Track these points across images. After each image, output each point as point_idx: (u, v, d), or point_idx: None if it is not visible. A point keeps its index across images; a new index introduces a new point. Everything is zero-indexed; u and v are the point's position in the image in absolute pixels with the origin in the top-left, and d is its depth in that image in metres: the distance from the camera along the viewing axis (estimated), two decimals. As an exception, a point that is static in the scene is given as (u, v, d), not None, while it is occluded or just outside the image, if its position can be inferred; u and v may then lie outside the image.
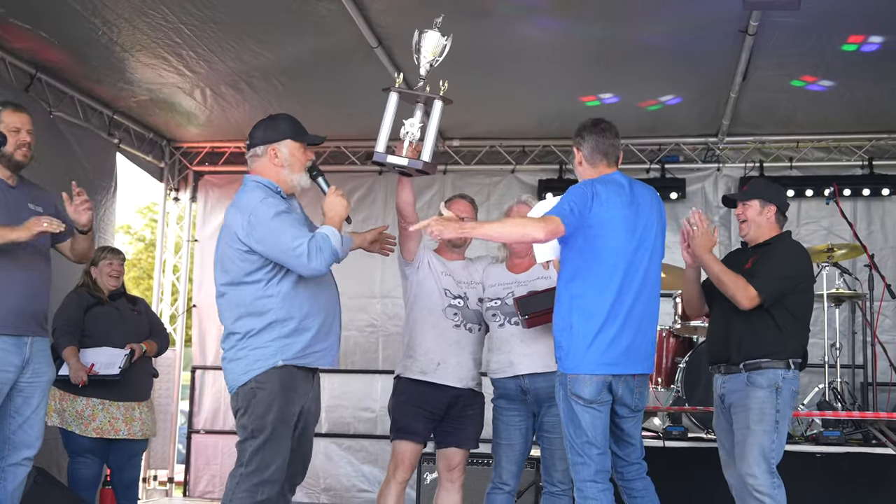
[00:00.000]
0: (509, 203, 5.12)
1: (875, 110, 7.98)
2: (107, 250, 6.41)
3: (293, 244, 3.96)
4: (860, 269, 7.80)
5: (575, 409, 4.15)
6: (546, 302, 4.51)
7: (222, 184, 9.53)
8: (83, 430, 5.93)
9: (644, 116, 8.32)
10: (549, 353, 4.54)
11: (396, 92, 4.41)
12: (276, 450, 4.03)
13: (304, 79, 7.57)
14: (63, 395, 5.95)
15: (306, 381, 4.18)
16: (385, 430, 8.82)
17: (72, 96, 7.75)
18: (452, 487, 4.88)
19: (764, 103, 7.86)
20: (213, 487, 9.13)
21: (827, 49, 6.68)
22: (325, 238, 4.00)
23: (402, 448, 4.76)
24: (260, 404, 4.02)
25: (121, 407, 6.07)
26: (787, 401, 4.52)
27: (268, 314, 4.07)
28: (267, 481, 4.01)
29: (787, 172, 8.72)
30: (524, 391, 4.73)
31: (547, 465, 4.78)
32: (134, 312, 6.31)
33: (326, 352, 4.20)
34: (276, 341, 4.07)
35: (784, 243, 4.74)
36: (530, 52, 6.96)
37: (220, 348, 9.14)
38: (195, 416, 9.30)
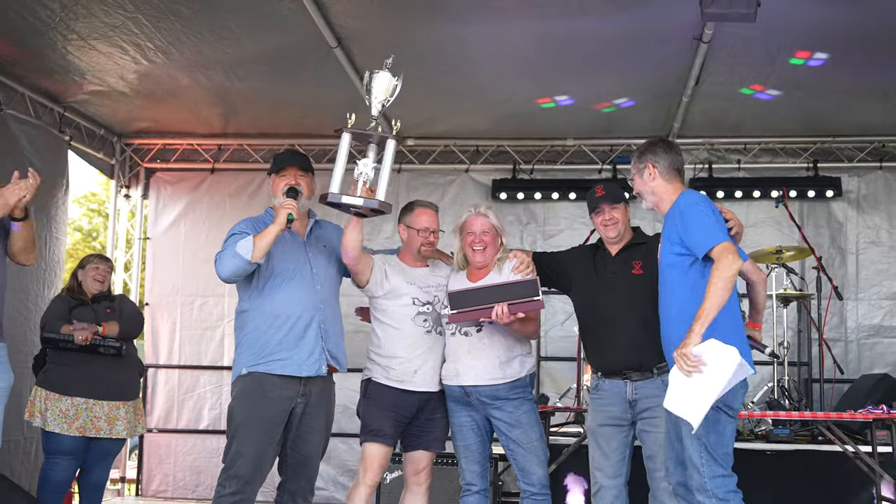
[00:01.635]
0: (466, 213, 4.96)
1: (820, 116, 8.21)
2: (95, 257, 6.62)
3: (216, 256, 4.53)
4: (808, 270, 7.99)
5: (722, 419, 4.14)
6: (478, 300, 4.57)
7: (174, 181, 9.46)
8: (65, 430, 5.97)
9: (597, 118, 8.44)
10: (495, 366, 4.73)
11: (349, 132, 4.42)
12: (241, 448, 4.45)
13: (262, 76, 7.55)
14: (48, 394, 6.01)
15: (284, 387, 4.49)
16: (341, 429, 8.93)
17: (22, 93, 7.65)
18: (419, 490, 4.90)
19: (715, 108, 8.02)
20: (167, 487, 9.08)
21: (777, 61, 6.87)
22: (231, 245, 4.44)
23: (372, 451, 4.76)
24: (231, 409, 4.56)
25: (105, 406, 6.10)
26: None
27: (245, 327, 4.59)
28: (232, 476, 4.43)
29: (736, 174, 8.91)
30: (467, 394, 4.78)
31: (523, 468, 4.78)
32: (108, 311, 6.33)
33: (292, 361, 4.52)
34: (246, 351, 4.56)
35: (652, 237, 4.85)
36: (486, 54, 7.03)
37: (171, 347, 9.18)
38: (148, 415, 9.22)
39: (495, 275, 4.83)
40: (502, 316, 4.53)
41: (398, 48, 6.68)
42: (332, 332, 4.66)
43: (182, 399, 9.19)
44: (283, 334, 4.52)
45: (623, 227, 4.82)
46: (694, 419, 3.99)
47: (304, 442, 4.61)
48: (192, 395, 9.17)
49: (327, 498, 8.66)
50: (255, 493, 4.51)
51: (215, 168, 9.31)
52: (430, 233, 4.88)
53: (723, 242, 4.07)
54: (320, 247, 4.76)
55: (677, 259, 4.26)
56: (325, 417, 4.70)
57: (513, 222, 9.04)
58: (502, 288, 4.63)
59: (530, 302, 4.56)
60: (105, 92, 7.96)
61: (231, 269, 4.44)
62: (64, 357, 6.06)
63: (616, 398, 4.72)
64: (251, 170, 9.29)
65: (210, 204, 9.35)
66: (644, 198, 4.56)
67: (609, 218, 4.79)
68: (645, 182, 4.49)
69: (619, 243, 4.85)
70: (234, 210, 9.21)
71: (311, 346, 4.55)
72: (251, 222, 4.67)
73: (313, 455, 4.66)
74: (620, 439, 4.73)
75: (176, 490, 9.07)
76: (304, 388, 4.54)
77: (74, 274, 6.45)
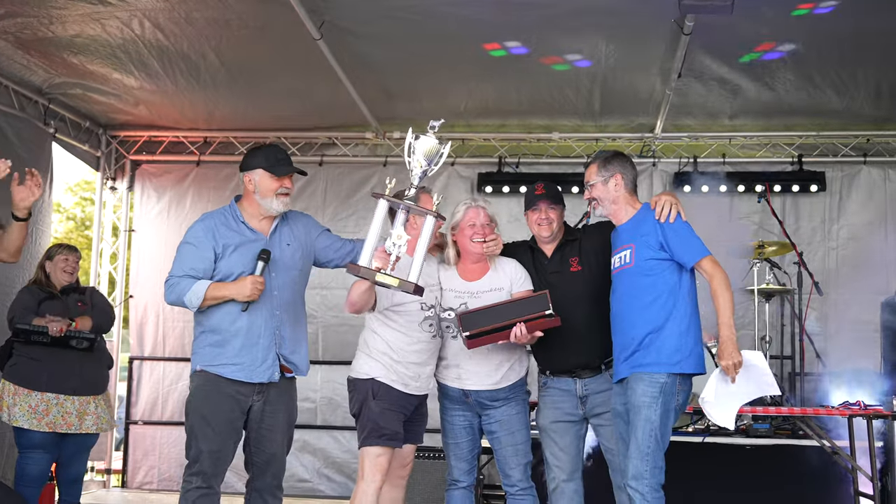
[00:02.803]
0: (462, 206, 4.84)
1: (805, 111, 8.23)
2: (63, 247, 6.45)
3: (170, 272, 4.54)
4: (789, 264, 8.03)
5: (672, 415, 4.43)
6: (490, 319, 4.48)
7: (160, 173, 9.46)
8: (35, 425, 5.92)
9: (583, 113, 8.45)
10: (497, 370, 4.72)
11: (386, 200, 4.14)
12: (201, 445, 4.47)
13: (247, 79, 7.59)
14: (17, 389, 5.96)
15: (239, 387, 4.49)
16: (325, 421, 8.95)
17: (6, 86, 7.63)
18: (401, 483, 4.89)
19: (698, 101, 8.04)
20: (152, 479, 9.11)
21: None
22: (187, 286, 4.43)
23: (381, 452, 4.60)
24: (188, 405, 4.59)
25: (75, 401, 6.08)
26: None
27: (203, 323, 4.54)
28: (196, 472, 4.46)
29: (720, 168, 8.93)
30: (466, 396, 4.78)
31: (501, 466, 4.81)
32: (79, 305, 6.27)
33: (243, 367, 4.49)
34: (204, 348, 4.54)
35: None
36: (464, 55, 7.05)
37: (157, 339, 9.18)
38: (133, 407, 9.25)
39: (494, 271, 4.78)
40: (521, 338, 4.47)
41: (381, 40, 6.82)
42: (288, 337, 4.59)
43: (167, 391, 9.20)
44: (238, 341, 4.48)
45: (557, 227, 4.85)
46: (728, 422, 4.38)
47: (266, 440, 4.59)
48: (176, 387, 9.17)
49: (311, 490, 8.70)
50: (219, 485, 4.53)
51: (201, 160, 9.30)
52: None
53: (710, 255, 4.46)
54: (283, 246, 4.64)
55: (655, 264, 4.49)
56: (285, 414, 4.65)
57: (498, 215, 8.94)
58: (514, 305, 4.53)
59: (544, 318, 4.48)
60: (90, 83, 7.97)
61: (174, 303, 4.53)
62: (33, 351, 5.99)
63: (566, 395, 4.79)
64: (237, 162, 9.23)
65: (195, 196, 9.34)
66: (601, 205, 4.68)
67: (545, 217, 4.83)
68: (609, 191, 4.65)
69: (552, 242, 4.89)
70: (219, 202, 9.17)
71: (263, 353, 4.50)
72: (211, 227, 4.54)
73: (277, 452, 4.63)
74: (573, 434, 4.81)
75: (161, 482, 9.09)
76: (260, 388, 4.53)
77: (42, 265, 6.31)
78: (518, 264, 4.84)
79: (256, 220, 4.61)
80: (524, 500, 4.79)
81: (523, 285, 4.75)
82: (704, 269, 4.44)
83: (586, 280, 4.79)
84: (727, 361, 4.35)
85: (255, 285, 4.40)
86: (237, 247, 4.51)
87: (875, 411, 5.78)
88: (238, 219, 4.60)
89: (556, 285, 4.76)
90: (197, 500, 4.45)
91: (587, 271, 4.80)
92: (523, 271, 4.81)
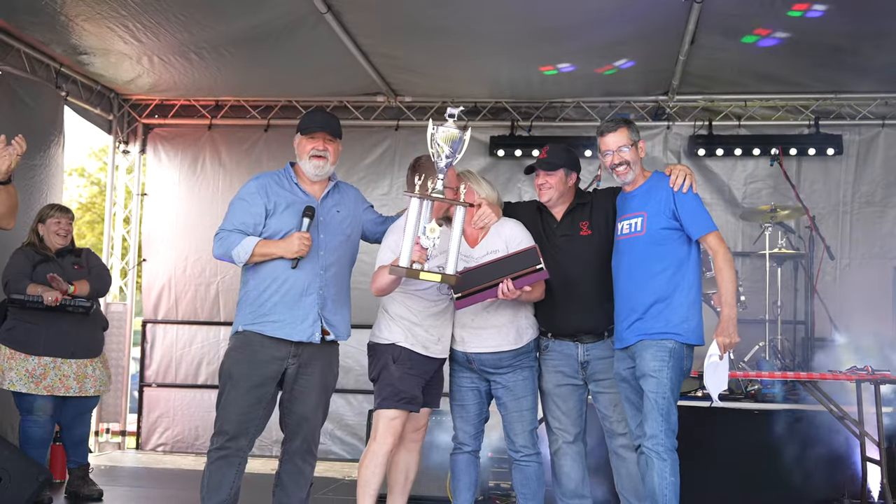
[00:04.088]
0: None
1: (822, 73, 8.09)
2: (55, 208, 6.32)
3: (220, 226, 4.57)
4: (803, 229, 7.95)
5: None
6: (480, 279, 4.45)
7: (172, 136, 9.46)
8: (33, 389, 5.93)
9: (598, 80, 8.38)
10: (499, 333, 4.69)
11: (418, 197, 4.19)
12: (227, 405, 4.51)
13: (254, 48, 7.53)
14: (14, 353, 5.95)
15: (274, 348, 4.50)
16: (339, 385, 8.96)
17: (18, 49, 7.62)
18: (414, 447, 4.87)
19: (713, 64, 7.90)
20: (167, 440, 9.20)
21: (775, 13, 6.76)
22: (237, 241, 4.47)
23: (396, 416, 4.61)
24: (222, 366, 4.62)
25: (73, 364, 6.07)
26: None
27: (249, 283, 4.59)
28: (218, 432, 4.51)
29: (736, 131, 8.84)
30: (470, 361, 4.77)
31: (507, 432, 4.82)
32: (75, 267, 6.21)
33: (284, 324, 4.50)
34: (244, 308, 4.58)
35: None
36: (483, 22, 6.97)
37: (170, 302, 9.25)
38: (146, 370, 9.32)
39: (494, 234, 4.74)
40: (509, 293, 4.43)
41: (389, 9, 6.76)
42: (331, 299, 4.59)
43: (180, 354, 9.27)
44: (280, 297, 4.49)
45: (557, 193, 4.81)
46: (718, 394, 4.53)
47: (298, 402, 4.58)
48: (189, 350, 9.24)
49: (325, 452, 8.73)
50: (242, 448, 4.52)
51: (213, 124, 9.29)
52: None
53: (717, 231, 4.54)
54: (333, 212, 4.67)
55: (667, 233, 4.53)
56: (320, 378, 4.61)
57: (511, 179, 9.00)
58: (502, 262, 4.50)
59: (533, 272, 4.44)
60: (99, 64, 7.99)
61: (223, 259, 4.57)
62: (29, 315, 5.96)
63: (567, 359, 4.79)
64: (249, 126, 9.28)
65: (207, 160, 9.35)
66: (630, 168, 4.65)
67: (542, 182, 4.82)
68: (637, 155, 4.68)
69: (562, 205, 4.86)
70: (232, 166, 9.25)
71: (305, 311, 4.51)
72: (264, 185, 4.59)
73: (309, 416, 4.61)
74: (577, 397, 4.84)
75: (175, 444, 9.17)
76: (297, 350, 4.52)
77: (35, 228, 6.20)
78: (517, 225, 4.78)
79: (308, 183, 4.65)
80: (529, 465, 4.80)
81: (520, 245, 4.66)
82: (709, 245, 4.51)
83: (596, 245, 4.77)
84: (726, 340, 4.42)
85: (302, 241, 4.42)
86: (288, 206, 4.55)
87: (883, 376, 5.74)
88: (292, 180, 4.64)
89: (566, 249, 4.76)
90: (216, 461, 4.49)
91: (597, 236, 4.78)
92: (522, 232, 4.74)
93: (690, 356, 4.53)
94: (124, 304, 9.34)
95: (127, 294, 9.49)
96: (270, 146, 9.12)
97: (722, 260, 4.48)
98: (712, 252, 4.51)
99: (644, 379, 4.44)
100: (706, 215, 4.55)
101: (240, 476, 4.54)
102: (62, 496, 6.32)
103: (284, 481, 4.66)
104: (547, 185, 4.80)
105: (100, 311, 6.47)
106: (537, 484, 4.81)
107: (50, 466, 6.56)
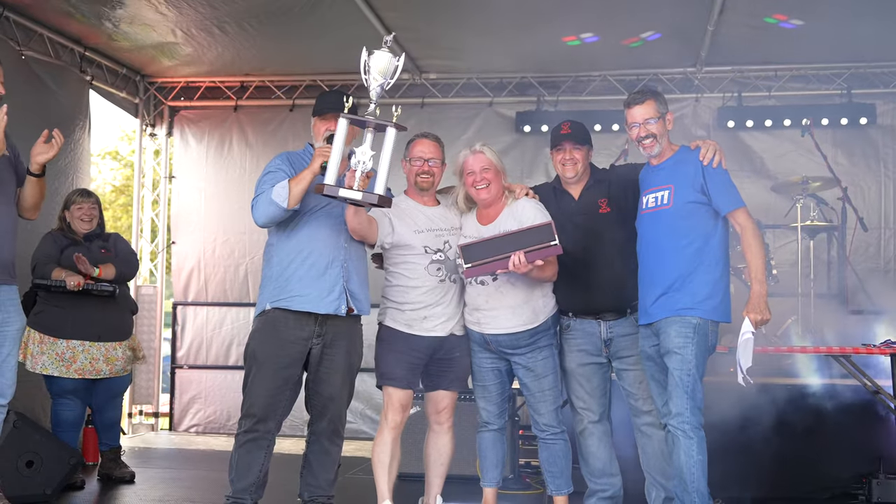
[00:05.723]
0: (462, 154, 4.76)
1: (852, 40, 7.91)
2: (78, 193, 6.33)
3: (252, 199, 4.51)
4: (836, 200, 7.82)
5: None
6: (493, 251, 4.42)
7: (198, 119, 9.48)
8: (64, 372, 5.98)
9: (624, 51, 8.26)
10: (514, 313, 4.64)
11: (346, 118, 4.12)
12: (253, 387, 4.53)
13: (276, 23, 7.50)
14: (43, 338, 5.99)
15: (299, 327, 4.51)
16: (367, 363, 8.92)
17: (41, 34, 7.64)
18: (441, 429, 4.86)
19: (741, 34, 7.78)
20: (199, 422, 9.27)
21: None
22: (269, 192, 4.40)
23: (388, 393, 4.71)
24: (246, 348, 4.63)
25: (101, 347, 6.10)
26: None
27: (272, 260, 4.59)
28: (246, 415, 4.53)
29: (765, 102, 8.70)
30: (487, 342, 4.74)
31: (532, 413, 4.81)
32: (102, 251, 6.21)
33: (310, 298, 4.49)
34: (269, 285, 4.57)
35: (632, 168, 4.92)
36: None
37: (199, 285, 9.29)
38: (178, 352, 9.38)
39: (507, 214, 4.70)
40: (520, 266, 4.38)
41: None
42: (354, 272, 4.59)
43: (210, 336, 9.32)
44: (305, 270, 4.49)
45: (582, 168, 4.76)
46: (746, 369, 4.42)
47: (323, 383, 4.59)
48: (219, 331, 9.29)
49: (355, 432, 8.73)
50: (270, 430, 4.53)
51: (238, 105, 9.29)
52: (423, 161, 4.71)
53: (745, 206, 4.46)
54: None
55: (693, 207, 4.47)
56: (345, 357, 4.61)
57: (538, 155, 8.93)
58: (516, 235, 4.45)
59: (547, 248, 4.39)
60: (124, 37, 7.96)
61: (267, 216, 4.44)
62: (57, 299, 5.99)
63: (590, 337, 4.75)
64: (274, 106, 9.27)
65: (234, 141, 9.36)
66: (657, 141, 4.59)
67: (569, 157, 4.74)
68: (664, 128, 4.61)
69: (578, 183, 4.80)
70: (258, 146, 9.26)
71: (330, 283, 4.50)
72: (287, 158, 4.62)
73: (335, 396, 4.61)
74: (601, 376, 4.81)
75: (208, 425, 9.24)
76: (321, 329, 4.51)
77: (62, 215, 6.21)
78: (536, 205, 4.73)
79: None
80: (556, 443, 4.78)
81: (535, 222, 4.59)
82: (738, 221, 4.46)
83: (615, 222, 4.71)
84: (757, 316, 4.35)
85: (320, 151, 4.34)
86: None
87: (919, 350, 5.63)
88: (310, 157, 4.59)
89: (585, 226, 4.71)
90: (245, 444, 4.50)
91: (616, 213, 4.72)
92: (538, 211, 4.68)
93: (716, 332, 4.47)
94: (154, 287, 9.39)
95: (157, 276, 9.55)
96: (296, 126, 9.11)
97: (751, 236, 4.43)
98: (740, 228, 4.45)
99: (668, 356, 4.39)
100: (735, 191, 4.48)
101: (268, 458, 4.55)
102: (95, 479, 6.37)
103: (311, 462, 4.68)
104: (574, 160, 4.74)
105: (128, 295, 6.51)
106: (564, 461, 4.80)
107: (82, 449, 6.65)
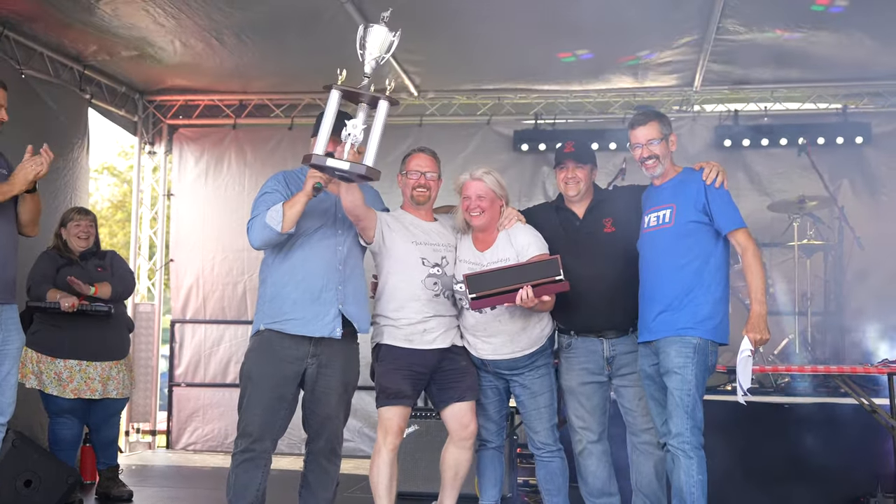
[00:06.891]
0: (463, 176, 4.73)
1: (848, 59, 7.97)
2: (74, 211, 6.34)
3: (249, 220, 4.50)
4: (833, 219, 7.84)
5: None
6: (498, 282, 4.36)
7: (197, 137, 9.51)
8: (61, 392, 5.98)
9: (620, 66, 8.30)
10: (512, 341, 4.63)
11: (338, 90, 4.03)
12: (249, 407, 4.50)
13: (274, 36, 7.52)
14: (41, 357, 5.99)
15: (294, 347, 4.48)
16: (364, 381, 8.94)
17: (41, 53, 7.67)
18: (464, 445, 4.71)
19: (738, 53, 7.82)
20: (197, 439, 9.24)
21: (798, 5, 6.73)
22: (264, 215, 4.37)
23: (390, 414, 4.58)
24: (242, 367, 4.60)
25: (98, 367, 6.10)
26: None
27: (267, 281, 4.57)
28: (241, 434, 4.50)
29: (762, 121, 8.73)
30: (485, 364, 4.73)
31: (527, 429, 4.79)
32: (98, 270, 6.21)
33: (304, 321, 4.47)
34: (264, 307, 4.56)
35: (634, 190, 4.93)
36: (503, 11, 6.95)
37: (198, 302, 9.29)
38: (176, 369, 9.37)
39: (503, 239, 4.68)
40: (527, 301, 4.33)
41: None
42: (351, 294, 4.56)
43: (209, 353, 9.31)
44: (300, 293, 4.47)
45: (585, 186, 4.77)
46: (746, 389, 4.38)
47: (320, 403, 4.56)
48: (217, 349, 9.28)
49: (353, 450, 8.73)
50: (267, 449, 4.50)
51: (237, 123, 9.31)
52: (420, 174, 4.72)
53: (746, 227, 4.50)
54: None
55: (695, 226, 4.50)
56: (341, 377, 4.57)
57: (535, 174, 8.96)
58: (523, 268, 4.41)
59: (553, 283, 4.35)
60: (123, 49, 7.95)
61: (262, 239, 4.43)
62: (53, 319, 5.98)
63: (591, 356, 4.75)
64: (273, 125, 9.30)
65: (233, 159, 9.38)
66: (659, 162, 4.62)
67: (571, 176, 4.76)
68: (667, 149, 4.64)
69: (582, 202, 4.81)
70: (257, 165, 9.27)
71: (325, 307, 4.48)
72: (284, 178, 4.59)
73: (331, 415, 4.59)
74: (601, 395, 4.80)
75: (206, 443, 9.21)
76: (316, 349, 4.49)
77: (58, 233, 6.21)
78: (533, 234, 4.69)
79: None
80: (552, 461, 4.78)
81: (532, 254, 4.58)
82: (738, 241, 4.48)
83: (620, 241, 4.71)
84: (757, 336, 4.36)
85: (313, 173, 4.26)
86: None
87: (915, 369, 5.64)
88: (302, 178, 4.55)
89: (590, 246, 4.71)
90: (242, 463, 4.47)
91: (620, 232, 4.73)
92: (536, 242, 4.65)
93: (715, 352, 4.47)
94: (152, 305, 9.40)
95: (155, 294, 9.55)
96: (295, 144, 9.11)
97: (751, 256, 4.46)
98: (741, 249, 4.48)
99: (668, 375, 4.39)
100: (736, 211, 4.52)
101: (266, 477, 4.53)
102: (93, 498, 6.36)
103: (310, 482, 4.66)
104: (576, 179, 4.75)
105: (125, 314, 6.50)
106: (562, 479, 4.79)
107: (80, 468, 6.61)
